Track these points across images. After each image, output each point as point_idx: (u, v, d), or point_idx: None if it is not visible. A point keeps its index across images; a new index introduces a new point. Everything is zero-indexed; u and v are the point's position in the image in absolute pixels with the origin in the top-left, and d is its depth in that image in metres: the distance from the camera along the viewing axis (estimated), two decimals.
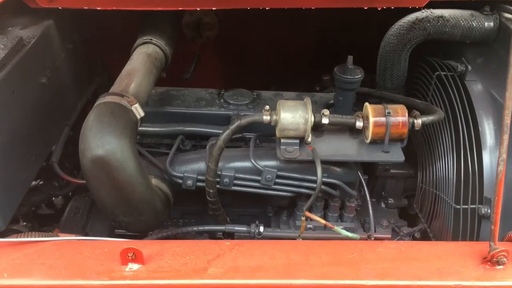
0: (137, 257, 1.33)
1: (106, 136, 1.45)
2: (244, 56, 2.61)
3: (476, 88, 1.81)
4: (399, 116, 1.61)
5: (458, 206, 1.67)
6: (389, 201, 2.10)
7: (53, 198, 2.27)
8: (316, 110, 2.00)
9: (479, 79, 1.84)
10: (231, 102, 2.01)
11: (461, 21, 1.86)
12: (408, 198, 2.12)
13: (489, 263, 1.35)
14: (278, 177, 1.73)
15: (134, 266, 1.34)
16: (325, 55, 2.35)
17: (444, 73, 1.88)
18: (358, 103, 2.09)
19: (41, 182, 2.10)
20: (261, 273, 1.34)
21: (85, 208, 2.11)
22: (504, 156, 1.33)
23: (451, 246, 1.44)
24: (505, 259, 1.33)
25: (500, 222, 1.62)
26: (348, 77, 1.86)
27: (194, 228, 1.81)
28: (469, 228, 1.64)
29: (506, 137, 1.32)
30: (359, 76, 1.88)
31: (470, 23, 1.87)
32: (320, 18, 2.25)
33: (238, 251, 1.40)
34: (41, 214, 2.37)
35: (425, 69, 2.00)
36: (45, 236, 1.48)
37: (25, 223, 2.21)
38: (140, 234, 1.77)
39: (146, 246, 1.40)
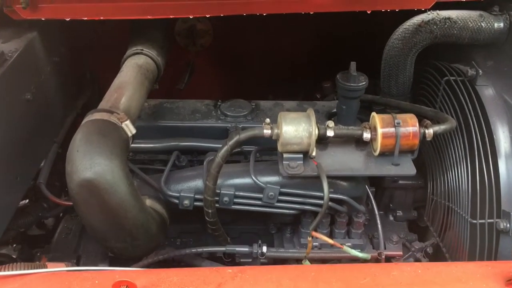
0: None
1: (95, 157, 1.34)
2: (240, 64, 2.50)
3: (488, 92, 1.71)
4: (409, 126, 1.50)
5: (475, 221, 1.56)
6: (398, 214, 1.99)
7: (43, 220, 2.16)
8: (318, 120, 1.91)
9: (490, 83, 1.73)
10: (228, 113, 1.90)
11: (470, 23, 1.76)
12: (417, 209, 2.02)
13: None
14: (281, 194, 1.62)
15: None
16: (324, 61, 2.25)
17: (454, 78, 1.78)
18: (362, 110, 1.99)
19: (28, 203, 1.99)
20: None
21: (76, 229, 1.99)
22: None
23: (471, 267, 1.33)
24: None
25: None
26: (351, 84, 1.75)
27: (193, 250, 1.69)
28: (487, 244, 1.53)
29: None
30: (363, 83, 1.77)
31: (479, 24, 1.77)
32: (318, 24, 2.15)
33: (241, 279, 1.29)
34: (31, 235, 2.27)
35: (433, 74, 1.90)
36: (31, 268, 1.37)
37: (14, 246, 2.11)
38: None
39: (140, 277, 1.28)
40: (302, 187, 1.62)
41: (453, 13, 1.78)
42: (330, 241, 1.47)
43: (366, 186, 1.77)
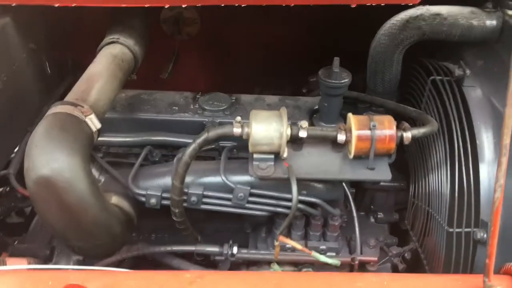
0: None
1: (53, 153, 1.29)
2: (227, 55, 2.42)
3: (474, 94, 1.63)
4: (385, 129, 1.43)
5: (451, 229, 1.50)
6: (379, 216, 1.93)
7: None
8: (299, 116, 1.86)
9: (478, 85, 1.66)
10: (206, 108, 1.83)
11: (460, 19, 1.67)
12: (399, 211, 1.95)
13: None
14: (252, 195, 1.56)
15: None
16: (313, 54, 2.17)
17: (440, 77, 1.70)
18: (347, 106, 1.92)
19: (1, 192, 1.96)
20: None
21: None
22: (502, 181, 1.15)
23: (441, 280, 1.27)
24: None
25: (498, 248, 1.47)
26: (333, 81, 1.68)
27: (162, 249, 1.65)
28: (463, 254, 1.47)
29: (504, 160, 1.15)
30: (346, 80, 1.70)
31: (470, 21, 1.68)
32: (308, 16, 2.07)
33: (199, 285, 1.24)
34: (9, 223, 2.24)
35: (420, 72, 1.82)
36: None
37: None
38: None
39: (94, 280, 1.24)
40: (274, 189, 1.57)
41: (443, 9, 1.69)
42: (299, 246, 1.42)
43: (345, 188, 1.71)
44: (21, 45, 1.82)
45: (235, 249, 1.62)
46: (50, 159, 1.28)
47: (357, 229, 1.69)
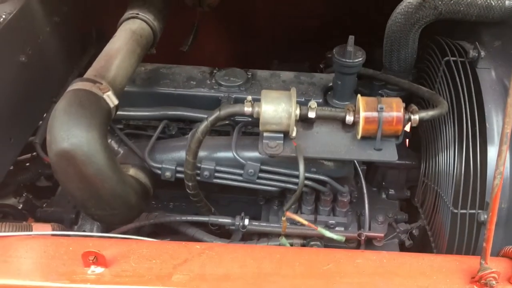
0: (99, 260, 1.27)
1: (72, 128, 1.36)
2: (247, 27, 2.44)
3: (488, 77, 1.62)
4: (393, 111, 1.45)
5: (456, 210, 1.53)
6: (390, 192, 1.97)
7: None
8: (314, 93, 1.89)
9: (493, 67, 1.64)
10: (222, 83, 1.88)
11: None
12: (411, 188, 1.99)
13: (477, 283, 1.23)
14: (262, 171, 1.62)
15: (97, 269, 1.28)
16: (332, 29, 2.17)
17: (454, 58, 1.69)
18: (363, 82, 1.94)
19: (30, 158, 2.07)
20: (228, 283, 1.26)
21: None
22: (502, 168, 1.18)
23: (439, 261, 1.32)
24: (494, 282, 1.20)
25: (502, 230, 1.50)
26: (347, 60, 1.70)
27: (177, 218, 1.73)
28: (467, 235, 1.50)
29: (505, 148, 1.17)
30: (360, 59, 1.72)
31: (489, 1, 1.66)
32: None
33: (207, 256, 1.33)
34: (39, 186, 2.36)
35: (435, 52, 1.82)
36: (14, 229, 1.44)
37: (18, 198, 2.21)
38: None
39: (111, 247, 1.34)
40: (284, 166, 1.62)
41: None
42: (304, 221, 1.48)
43: (357, 165, 1.75)
44: (46, 19, 1.89)
45: (246, 221, 1.69)
46: (69, 134, 1.36)
47: (366, 206, 1.73)
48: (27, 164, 2.08)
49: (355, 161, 1.75)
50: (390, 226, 1.83)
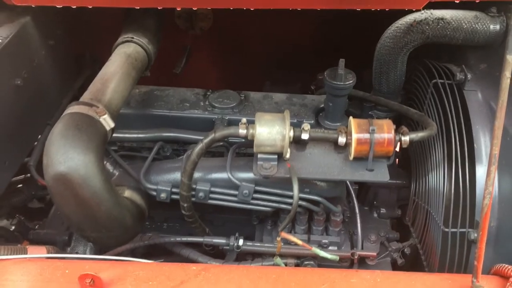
0: (95, 283, 1.28)
1: (69, 152, 1.38)
2: (239, 49, 2.49)
3: (475, 98, 1.68)
4: (384, 133, 1.49)
5: (446, 229, 1.56)
6: (381, 211, 2.00)
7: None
8: (305, 115, 1.92)
9: (479, 89, 1.70)
10: (216, 105, 1.91)
11: (464, 24, 1.71)
12: (402, 207, 2.02)
13: None
14: (256, 192, 1.64)
15: None
16: (323, 51, 2.22)
17: (442, 81, 1.74)
18: (353, 105, 1.99)
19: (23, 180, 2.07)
20: None
21: None
22: (491, 189, 1.21)
23: (431, 279, 1.34)
24: None
25: (492, 248, 1.53)
26: (338, 83, 1.75)
27: (172, 239, 1.74)
28: (458, 253, 1.54)
29: (493, 169, 1.21)
30: (350, 81, 1.77)
31: (474, 25, 1.71)
32: (318, 14, 2.11)
33: (204, 277, 1.34)
34: (31, 207, 2.36)
35: (423, 74, 1.87)
36: (9, 252, 1.44)
37: (10, 220, 2.20)
38: None
39: (108, 269, 1.34)
40: (278, 186, 1.64)
41: (447, 13, 1.72)
42: (299, 242, 1.50)
43: (348, 184, 1.78)
44: (41, 42, 1.92)
45: (240, 242, 1.70)
46: (66, 157, 1.37)
47: (359, 225, 1.76)
48: (20, 185, 2.07)
49: (347, 181, 1.78)
50: (382, 245, 1.86)
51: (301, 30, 2.42)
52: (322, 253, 1.52)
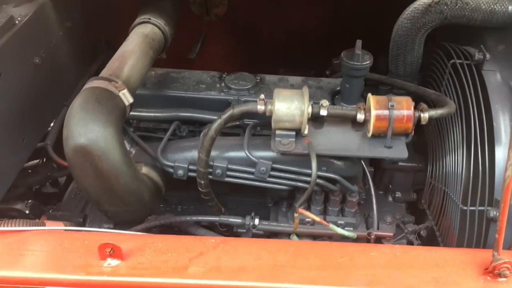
0: (115, 253, 1.28)
1: (89, 124, 1.39)
2: (253, 36, 2.49)
3: (494, 78, 1.66)
4: (403, 109, 1.49)
5: (465, 207, 1.55)
6: (397, 195, 1.99)
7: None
8: (321, 97, 1.92)
9: (498, 69, 1.68)
10: (232, 86, 1.91)
11: (482, 4, 1.70)
12: (417, 192, 2.01)
13: (490, 274, 1.24)
14: (274, 169, 1.64)
15: (113, 262, 1.29)
16: (337, 37, 2.22)
17: (460, 61, 1.74)
18: (369, 88, 1.98)
19: (39, 163, 2.08)
20: (243, 275, 1.27)
21: None
22: None
23: (451, 253, 1.34)
24: (507, 272, 1.22)
25: (510, 227, 1.52)
26: (355, 63, 1.74)
27: (188, 218, 1.74)
28: (476, 231, 1.52)
29: None
30: (367, 62, 1.76)
31: (492, 6, 1.70)
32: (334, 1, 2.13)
33: (222, 249, 1.34)
34: (45, 192, 2.37)
35: (440, 56, 1.86)
36: (29, 225, 1.45)
37: (26, 202, 2.21)
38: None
39: (127, 240, 1.35)
40: (295, 164, 1.64)
41: None
42: (316, 218, 1.49)
43: (364, 166, 1.77)
44: (58, 23, 1.93)
45: (256, 221, 1.70)
46: (86, 129, 1.38)
47: (374, 206, 1.74)
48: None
49: (363, 163, 1.77)
50: (398, 227, 1.85)
51: (315, 16, 2.42)
52: (339, 230, 1.52)
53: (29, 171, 2.04)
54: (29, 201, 2.20)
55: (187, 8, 2.38)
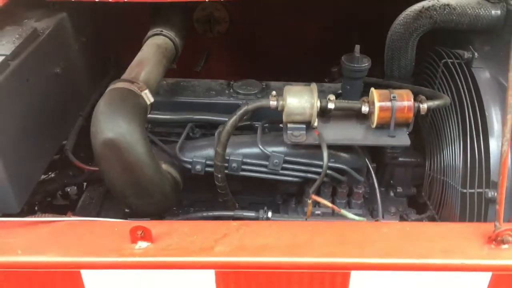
0: (146, 235, 1.36)
1: (116, 120, 1.50)
2: (255, 50, 2.64)
3: (483, 75, 1.82)
4: (404, 100, 1.63)
5: (465, 190, 1.67)
6: (398, 190, 2.10)
7: (68, 189, 2.33)
8: (323, 98, 2.05)
9: (486, 66, 1.84)
10: (240, 92, 2.04)
11: (468, 10, 1.87)
12: (417, 187, 2.13)
13: (494, 242, 1.35)
14: (286, 162, 1.75)
15: (143, 244, 1.37)
16: (335, 49, 2.37)
17: (451, 60, 1.89)
18: (366, 93, 2.11)
19: (56, 172, 2.16)
20: (266, 252, 1.36)
21: (98, 198, 2.15)
22: (508, 136, 1.33)
23: (456, 227, 1.45)
24: (510, 238, 1.33)
25: (506, 205, 1.64)
26: (355, 65, 1.88)
27: (204, 214, 1.84)
28: (476, 212, 1.64)
29: (510, 117, 1.33)
30: (366, 64, 1.90)
31: (477, 11, 1.88)
32: (331, 14, 2.28)
33: (245, 231, 1.43)
34: (56, 204, 2.43)
35: (433, 58, 2.02)
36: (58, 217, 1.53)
37: (38, 214, 2.27)
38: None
39: (155, 226, 1.43)
40: (305, 157, 1.76)
41: (452, 0, 1.89)
42: (329, 204, 1.60)
43: (367, 160, 1.90)
44: (75, 37, 2.06)
45: (269, 214, 1.80)
46: (114, 125, 1.49)
47: (378, 197, 1.85)
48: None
49: (367, 160, 1.89)
50: (401, 218, 1.96)
51: (313, 32, 2.58)
52: (350, 215, 1.62)
53: (47, 178, 2.12)
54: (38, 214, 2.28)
55: (191, 26, 2.52)
